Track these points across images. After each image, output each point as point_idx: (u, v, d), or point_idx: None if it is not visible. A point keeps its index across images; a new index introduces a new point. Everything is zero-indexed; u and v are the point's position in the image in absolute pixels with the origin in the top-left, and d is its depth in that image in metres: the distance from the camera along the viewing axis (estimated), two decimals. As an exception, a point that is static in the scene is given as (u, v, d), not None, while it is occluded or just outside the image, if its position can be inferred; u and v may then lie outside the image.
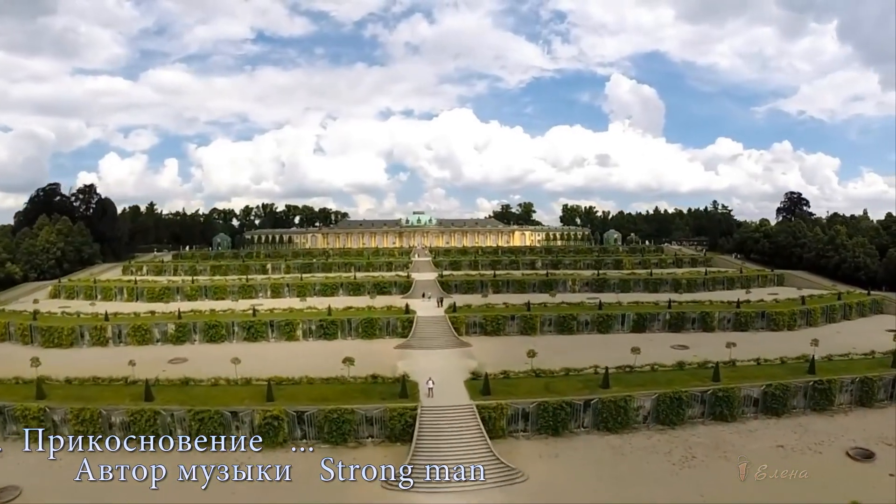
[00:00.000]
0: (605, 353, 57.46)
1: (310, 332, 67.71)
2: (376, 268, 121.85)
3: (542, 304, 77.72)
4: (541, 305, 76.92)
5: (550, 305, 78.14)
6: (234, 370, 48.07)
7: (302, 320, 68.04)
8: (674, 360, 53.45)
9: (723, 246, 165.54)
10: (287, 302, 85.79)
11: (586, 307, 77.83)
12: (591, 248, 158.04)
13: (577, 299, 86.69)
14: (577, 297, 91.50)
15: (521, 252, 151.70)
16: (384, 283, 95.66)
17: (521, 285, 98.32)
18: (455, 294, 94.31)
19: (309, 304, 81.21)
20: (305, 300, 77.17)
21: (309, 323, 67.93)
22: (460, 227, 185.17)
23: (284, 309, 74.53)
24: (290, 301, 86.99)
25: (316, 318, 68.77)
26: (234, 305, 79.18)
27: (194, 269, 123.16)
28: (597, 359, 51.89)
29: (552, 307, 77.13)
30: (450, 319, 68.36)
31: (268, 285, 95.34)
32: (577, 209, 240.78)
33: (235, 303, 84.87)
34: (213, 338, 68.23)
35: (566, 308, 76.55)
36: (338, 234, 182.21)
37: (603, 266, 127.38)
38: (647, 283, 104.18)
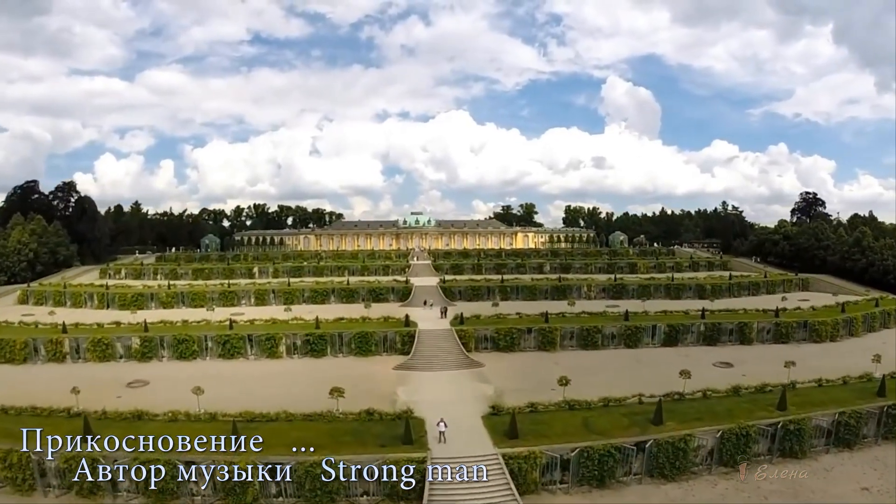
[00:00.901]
0: (642, 375, 50.01)
1: (294, 348, 58.36)
2: (372, 272, 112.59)
3: (560, 315, 68.67)
4: (559, 316, 67.89)
5: (569, 315, 69.25)
6: (197, 402, 38.80)
7: (286, 334, 58.59)
8: (726, 384, 44.70)
9: (737, 248, 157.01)
10: (272, 311, 76.29)
11: (610, 318, 68.95)
12: (599, 251, 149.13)
13: (596, 307, 78.10)
14: (595, 304, 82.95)
15: (526, 255, 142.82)
16: (380, 290, 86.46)
17: (531, 292, 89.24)
18: (459, 301, 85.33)
19: (296, 313, 71.74)
20: (291, 309, 67.59)
21: (294, 337, 58.54)
22: (460, 229, 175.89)
23: (267, 320, 65.07)
24: (275, 310, 77.58)
25: (302, 331, 59.35)
26: (211, 315, 69.62)
27: (175, 272, 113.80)
28: (634, 382, 44.45)
29: (571, 317, 68.29)
30: (457, 334, 59.14)
31: (252, 292, 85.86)
32: (580, 210, 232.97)
33: (213, 312, 75.09)
34: (183, 354, 58.88)
35: (588, 319, 67.65)
36: (331, 236, 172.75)
37: (616, 270, 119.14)
38: (668, 289, 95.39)
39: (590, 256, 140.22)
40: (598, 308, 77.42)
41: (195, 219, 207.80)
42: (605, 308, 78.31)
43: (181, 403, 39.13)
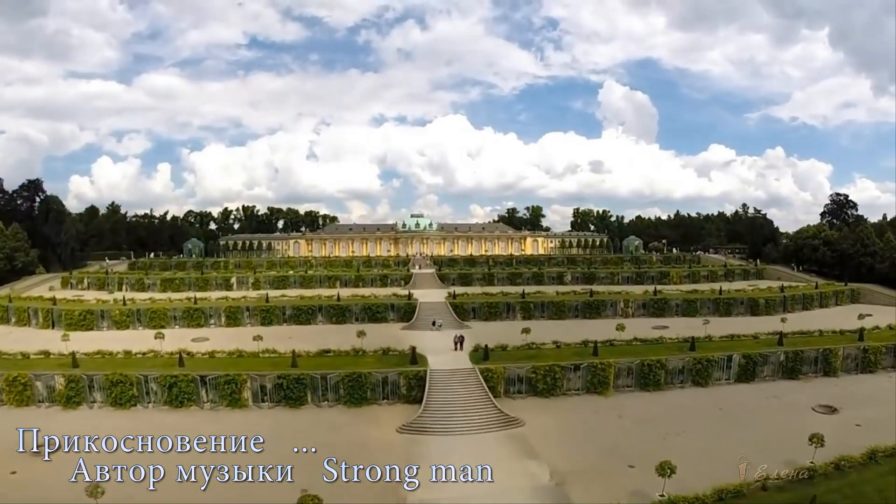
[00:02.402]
0: (744, 436, 37.22)
1: (263, 394, 43.42)
2: (367, 282, 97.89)
3: (608, 343, 53.96)
4: (606, 345, 53.19)
5: (619, 344, 54.57)
6: None
7: (252, 376, 43.54)
8: (858, 447, 31.21)
9: (768, 255, 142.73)
10: (243, 334, 61.57)
11: (670, 346, 54.47)
12: (621, 258, 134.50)
13: (642, 329, 63.38)
14: (638, 324, 68.48)
15: (539, 262, 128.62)
16: (378, 308, 71.44)
17: (558, 309, 74.47)
18: (473, 321, 70.69)
19: (272, 339, 56.92)
20: (262, 338, 51.96)
21: (262, 379, 43.58)
22: (465, 233, 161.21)
23: (231, 352, 50.01)
24: (250, 332, 62.99)
25: (274, 371, 44.27)
26: (161, 345, 54.17)
27: (142, 283, 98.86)
28: (736, 447, 33.28)
29: (623, 347, 53.71)
30: (481, 374, 44.29)
31: (222, 309, 70.78)
32: (589, 213, 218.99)
33: (164, 339, 59.90)
34: (118, 400, 43.92)
35: (644, 349, 53.18)
36: (324, 241, 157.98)
37: (645, 279, 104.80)
38: (717, 304, 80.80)
39: (612, 264, 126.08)
40: (643, 330, 62.86)
41: (177, 221, 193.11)
42: (654, 329, 64.31)
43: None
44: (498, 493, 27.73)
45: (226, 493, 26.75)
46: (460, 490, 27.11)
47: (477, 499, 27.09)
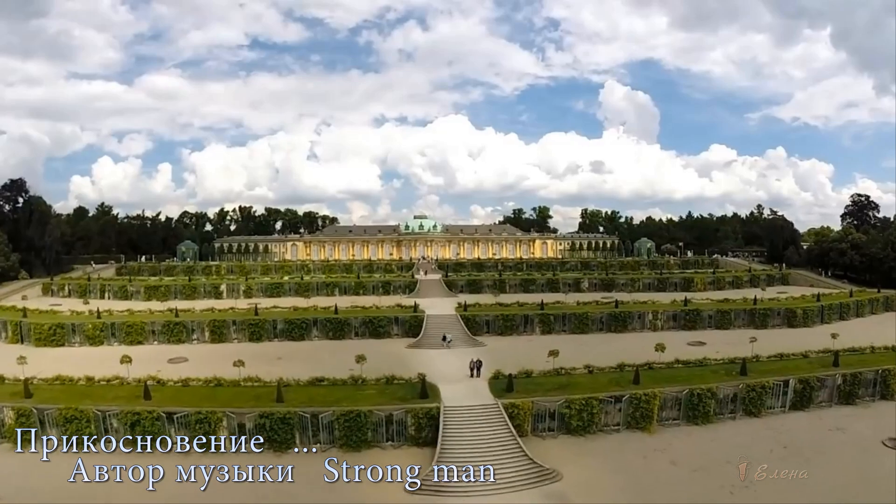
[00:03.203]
0: (805, 478, 31.93)
1: (240, 435, 35.83)
2: (368, 290, 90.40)
3: (646, 366, 46.47)
4: (645, 368, 45.74)
5: (659, 367, 47.15)
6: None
7: (228, 414, 36.03)
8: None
9: (790, 258, 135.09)
10: (227, 353, 54.21)
11: (717, 370, 47.08)
12: (637, 261, 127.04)
13: (677, 346, 56.41)
14: (670, 339, 61.28)
15: (551, 266, 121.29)
16: (380, 321, 63.65)
17: (581, 322, 66.89)
18: (488, 336, 63.33)
19: (261, 357, 49.60)
20: (244, 364, 43.46)
21: (241, 417, 36.07)
22: (470, 235, 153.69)
23: (208, 380, 42.48)
24: (233, 351, 55.71)
25: (255, 407, 36.69)
26: (128, 370, 46.60)
27: (125, 290, 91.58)
28: (810, 494, 30.09)
29: (663, 370, 46.44)
30: (506, 411, 36.76)
31: (205, 323, 63.26)
32: (598, 214, 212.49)
33: (132, 364, 52.42)
34: (78, 432, 36.74)
35: (687, 373, 45.90)
36: (323, 243, 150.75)
37: (668, 286, 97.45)
38: (752, 315, 73.32)
39: (629, 268, 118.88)
40: (678, 346, 55.74)
41: (171, 223, 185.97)
42: (690, 347, 58.17)
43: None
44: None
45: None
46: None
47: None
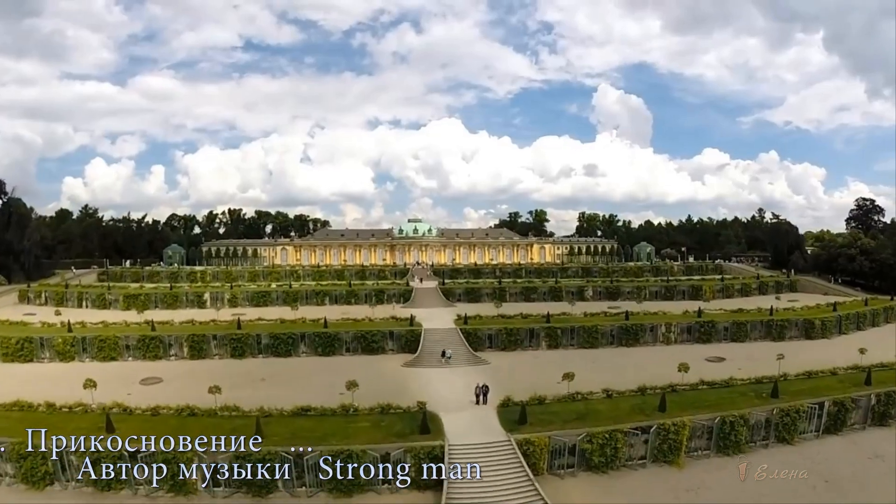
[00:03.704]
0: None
1: (217, 475, 30.80)
2: (361, 299, 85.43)
3: (670, 388, 42.00)
4: (669, 391, 41.28)
5: (683, 389, 42.69)
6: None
7: (199, 454, 30.95)
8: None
9: (796, 263, 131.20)
10: (207, 372, 49.42)
11: (745, 391, 42.90)
12: (641, 267, 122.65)
13: (692, 359, 51.61)
14: (685, 353, 57.38)
15: (552, 272, 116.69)
16: (373, 336, 58.37)
17: (590, 336, 62.12)
18: (490, 351, 58.60)
19: (243, 377, 44.64)
20: (220, 391, 38.15)
21: (215, 456, 30.95)
22: (466, 239, 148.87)
23: (181, 409, 37.35)
24: (214, 369, 50.83)
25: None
26: (92, 395, 41.47)
27: (103, 299, 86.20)
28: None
29: (688, 393, 41.98)
30: (520, 447, 32.01)
31: (184, 338, 58.03)
32: (595, 218, 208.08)
33: (95, 389, 47.45)
34: (30, 477, 31.83)
35: (712, 395, 41.62)
36: (314, 248, 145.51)
37: (675, 294, 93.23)
38: (769, 327, 69.04)
39: (633, 275, 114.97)
40: (696, 362, 51.05)
41: (158, 226, 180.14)
42: (709, 363, 54.18)
43: None
44: None
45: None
46: None
47: None
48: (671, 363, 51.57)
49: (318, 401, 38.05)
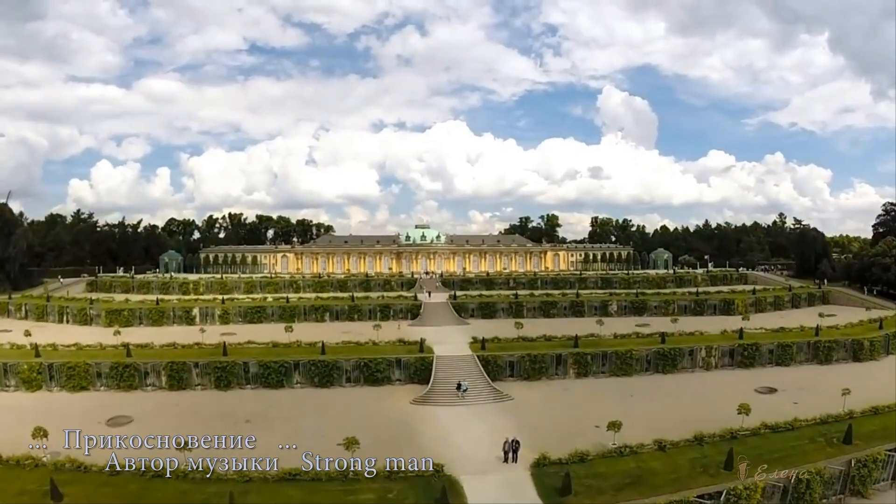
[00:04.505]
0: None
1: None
2: (364, 315, 78.31)
3: (730, 436, 34.90)
4: (727, 438, 34.24)
5: (745, 435, 35.47)
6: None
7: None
8: None
9: (824, 272, 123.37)
10: (184, 407, 42.50)
11: (814, 438, 35.89)
12: (664, 278, 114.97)
13: (736, 388, 46.25)
14: (727, 379, 51.34)
15: (569, 282, 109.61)
16: (377, 364, 50.83)
17: (623, 362, 54.72)
18: (511, 381, 51.30)
19: (226, 416, 37.49)
20: (191, 449, 30.99)
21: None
22: (477, 247, 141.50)
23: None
24: (196, 402, 43.85)
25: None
26: (44, 444, 34.59)
27: (85, 314, 79.42)
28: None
29: (749, 440, 34.75)
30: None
31: (162, 367, 50.95)
32: (608, 222, 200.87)
33: (45, 441, 40.54)
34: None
35: (777, 441, 34.91)
36: (316, 255, 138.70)
37: (706, 308, 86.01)
38: (816, 349, 61.70)
39: (655, 284, 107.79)
40: (745, 395, 44.16)
41: (155, 231, 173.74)
42: (759, 394, 47.54)
43: None
44: None
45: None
46: None
47: None
48: (718, 395, 45.71)
49: (311, 449, 30.95)
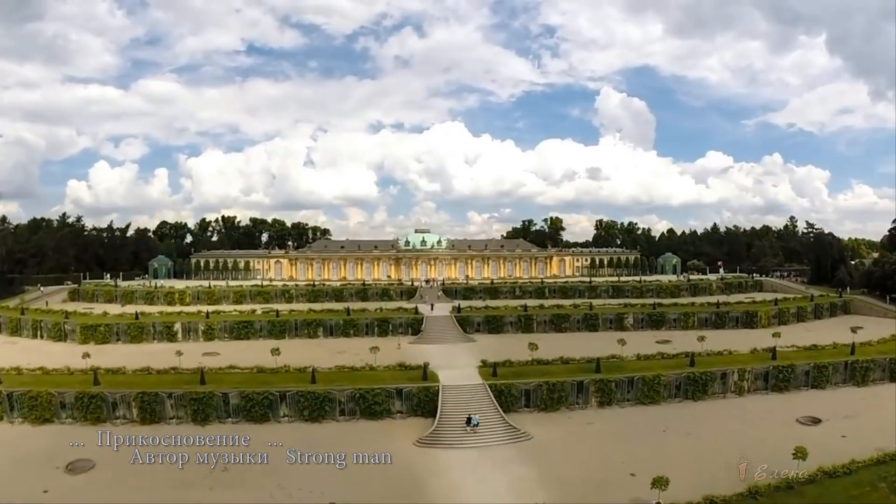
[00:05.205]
0: None
1: None
2: (361, 330, 72.55)
3: (786, 484, 29.10)
4: (783, 486, 28.46)
5: (801, 482, 29.64)
6: None
7: None
8: None
9: (842, 280, 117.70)
10: (161, 441, 36.62)
11: (874, 484, 30.06)
12: (677, 286, 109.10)
13: (775, 418, 41.43)
14: (762, 405, 46.27)
15: (579, 291, 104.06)
16: (375, 395, 44.46)
17: (650, 389, 48.80)
18: (528, 413, 45.44)
19: (196, 475, 31.58)
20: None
21: None
22: (479, 252, 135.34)
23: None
24: (168, 439, 37.87)
25: None
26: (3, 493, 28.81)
27: (59, 329, 73.34)
28: None
29: (806, 490, 28.90)
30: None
31: (132, 398, 44.84)
32: (613, 225, 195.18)
33: (20, 466, 34.59)
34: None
35: (835, 491, 28.98)
36: (311, 261, 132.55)
37: (727, 321, 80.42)
38: (852, 369, 55.99)
39: (670, 294, 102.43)
40: (788, 428, 38.84)
41: (146, 234, 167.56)
42: (801, 425, 41.91)
43: None
44: None
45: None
46: None
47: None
48: (760, 428, 42.20)
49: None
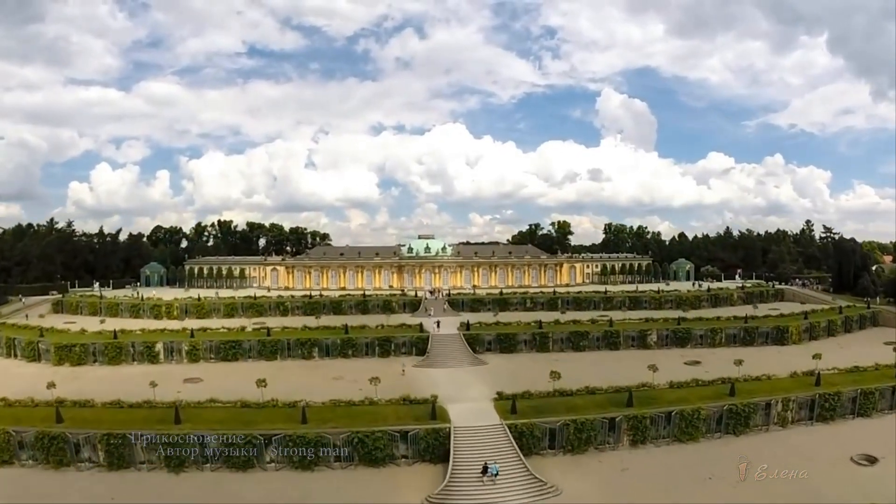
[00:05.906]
0: None
1: None
2: (361, 350, 66.54)
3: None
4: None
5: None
6: None
7: None
8: None
9: (866, 288, 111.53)
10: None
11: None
12: (697, 297, 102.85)
13: (826, 456, 35.14)
14: (805, 441, 39.54)
15: (594, 302, 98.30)
16: (376, 439, 38.27)
17: (689, 424, 42.97)
18: (552, 456, 39.42)
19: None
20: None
21: None
22: (486, 259, 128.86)
23: None
24: (139, 494, 31.95)
25: None
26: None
27: (33, 349, 67.36)
28: None
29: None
30: None
31: (97, 439, 38.90)
32: (623, 229, 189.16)
33: None
34: None
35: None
36: (308, 269, 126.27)
37: (757, 337, 74.29)
38: None
39: (692, 305, 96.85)
40: (842, 468, 32.97)
41: (139, 240, 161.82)
42: (856, 465, 34.25)
43: None
44: None
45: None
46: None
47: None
48: (814, 472, 36.14)
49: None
